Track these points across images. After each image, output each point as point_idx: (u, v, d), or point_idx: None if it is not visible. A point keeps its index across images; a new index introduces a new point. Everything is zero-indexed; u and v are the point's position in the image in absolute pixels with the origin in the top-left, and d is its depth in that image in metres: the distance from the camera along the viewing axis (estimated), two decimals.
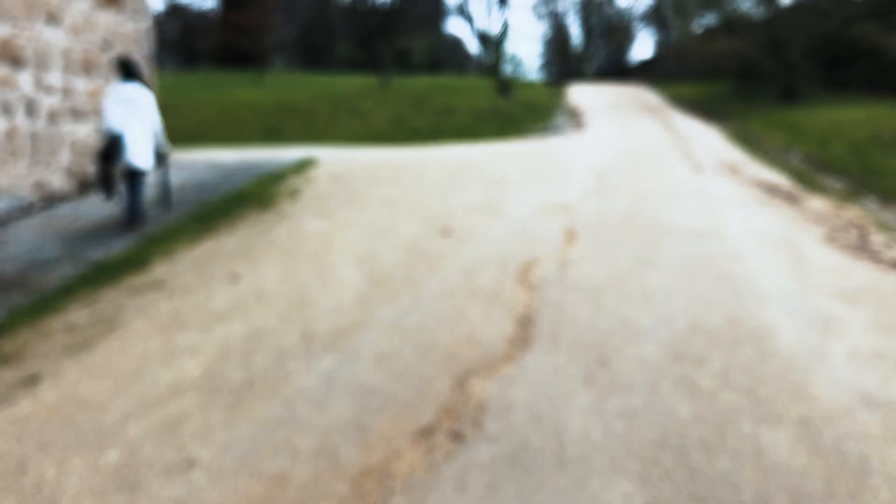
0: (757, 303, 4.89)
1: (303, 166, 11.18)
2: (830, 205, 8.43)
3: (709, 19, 23.72)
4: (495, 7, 56.26)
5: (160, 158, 7.89)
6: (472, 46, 64.15)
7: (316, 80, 26.55)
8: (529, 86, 30.87)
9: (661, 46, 47.02)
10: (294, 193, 9.08)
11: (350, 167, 11.11)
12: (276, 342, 4.33)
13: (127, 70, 7.64)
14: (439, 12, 59.78)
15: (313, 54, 52.12)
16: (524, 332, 4.40)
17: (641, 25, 61.64)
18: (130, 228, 7.41)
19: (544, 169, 10.67)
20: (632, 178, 9.88)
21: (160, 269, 6.02)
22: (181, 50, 49.02)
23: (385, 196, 8.74)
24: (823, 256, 6.16)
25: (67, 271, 6.12)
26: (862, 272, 5.71)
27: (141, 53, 10.96)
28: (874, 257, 6.20)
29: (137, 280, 5.75)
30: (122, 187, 7.56)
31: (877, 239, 6.84)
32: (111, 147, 7.29)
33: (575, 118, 20.25)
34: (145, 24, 11.05)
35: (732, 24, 20.87)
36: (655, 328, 4.42)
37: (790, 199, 8.82)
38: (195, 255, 6.43)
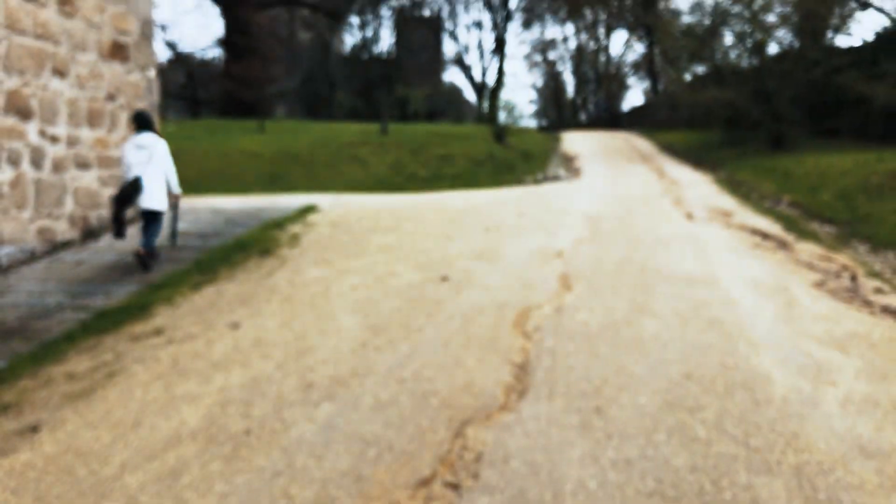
0: (750, 349, 4.96)
1: (303, 213, 11.31)
2: (821, 251, 8.55)
3: (698, 68, 24.23)
4: (491, 57, 57.60)
5: (172, 200, 8.61)
6: (470, 95, 65.29)
7: (316, 128, 26.91)
8: (525, 132, 31.31)
9: (653, 94, 47.88)
10: (294, 240, 9.18)
11: (349, 214, 11.24)
12: (275, 391, 4.36)
13: (142, 121, 8.36)
14: (438, 62, 60.98)
15: (314, 103, 52.97)
16: (521, 379, 4.44)
17: (632, 73, 62.98)
18: (145, 265, 7.93)
19: (540, 215, 10.81)
20: (625, 225, 10.01)
21: (161, 317, 6.07)
22: (185, 98, 49.80)
23: (384, 242, 8.84)
24: (815, 302, 6.24)
25: (69, 318, 6.16)
26: (853, 318, 5.79)
27: (147, 103, 11.18)
28: (865, 303, 6.29)
29: (138, 327, 5.79)
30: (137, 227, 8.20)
31: (867, 285, 6.94)
32: (128, 190, 7.96)
33: (569, 165, 20.54)
34: (150, 75, 11.28)
35: (721, 74, 21.34)
36: (650, 376, 4.47)
37: (781, 245, 8.94)
38: (196, 303, 6.49)
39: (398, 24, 57.75)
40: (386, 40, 61.87)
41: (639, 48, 58.43)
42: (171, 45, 48.31)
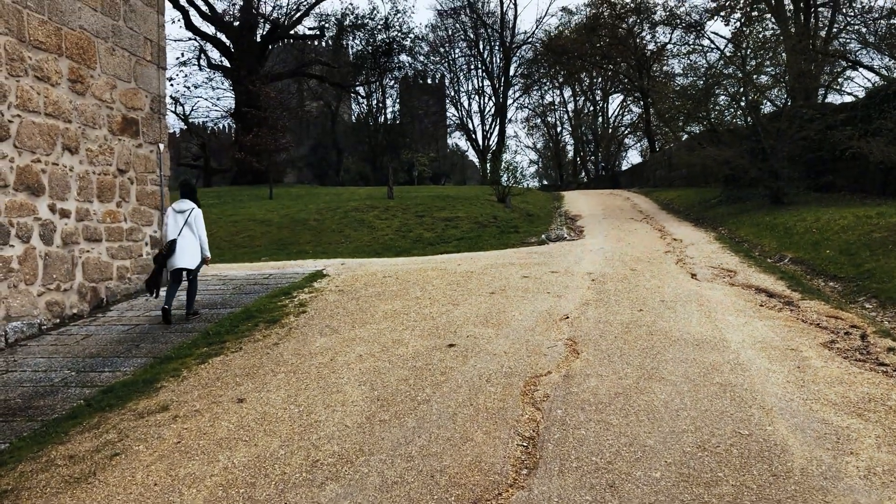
0: (764, 416, 4.88)
1: (310, 280, 11.34)
2: (827, 309, 8.51)
3: (694, 128, 24.62)
4: (492, 121, 58.71)
5: (202, 261, 9.50)
6: (474, 157, 66.26)
7: (325, 193, 27.26)
8: (528, 193, 31.63)
9: (650, 154, 48.54)
10: (301, 308, 9.18)
11: (356, 279, 11.27)
12: (280, 470, 4.29)
13: (184, 189, 9.54)
14: (442, 126, 62.14)
15: (324, 169, 53.84)
16: (531, 453, 4.37)
17: (630, 134, 63.98)
18: (186, 319, 9.04)
19: (545, 277, 10.82)
20: (631, 285, 10.00)
21: (167, 391, 6.02)
22: (199, 168, 50.68)
23: (390, 309, 8.83)
24: (826, 364, 6.17)
25: (74, 395, 6.11)
26: (868, 381, 5.72)
27: (157, 176, 11.35)
28: (878, 364, 6.22)
29: (143, 403, 5.74)
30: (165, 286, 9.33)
31: (879, 344, 6.88)
32: (164, 253, 9.04)
33: (572, 225, 20.66)
34: (161, 149, 11.50)
35: (717, 133, 21.66)
36: (663, 447, 4.39)
37: (787, 303, 8.91)
38: (202, 376, 6.45)
39: (403, 92, 59.22)
40: (392, 107, 63.35)
41: (635, 109, 59.66)
42: (184, 118, 49.34)
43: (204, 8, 34.06)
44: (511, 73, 56.29)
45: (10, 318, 7.84)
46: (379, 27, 28.68)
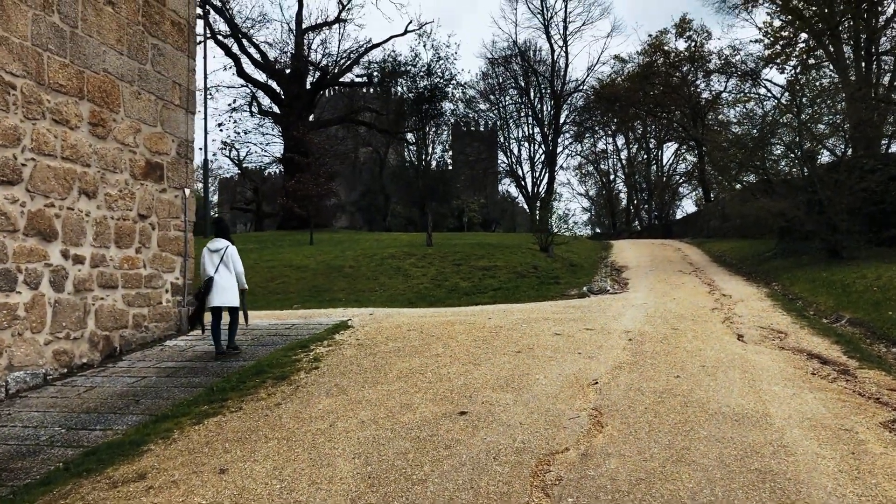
0: None
1: (332, 332, 10.97)
2: (890, 381, 7.65)
3: (748, 178, 23.71)
4: (542, 168, 58.39)
5: (242, 296, 9.75)
6: (524, 204, 65.86)
7: (366, 239, 27.16)
8: (576, 241, 30.97)
9: (704, 203, 47.35)
10: (315, 363, 8.76)
11: (380, 332, 10.84)
12: None
13: (217, 228, 9.95)
14: (493, 173, 62.08)
15: (373, 214, 54.24)
16: None
17: (684, 182, 62.73)
18: (224, 356, 9.38)
19: (578, 335, 10.19)
20: (670, 346, 9.29)
21: (150, 457, 5.62)
22: (251, 212, 51.70)
23: (407, 367, 8.33)
24: (887, 451, 5.40)
25: (55, 457, 5.77)
26: None
27: (181, 221, 11.22)
28: None
29: (121, 470, 5.35)
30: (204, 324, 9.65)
31: None
32: (202, 290, 9.33)
33: (617, 276, 19.91)
34: (186, 193, 11.39)
35: (771, 183, 20.75)
36: None
37: (842, 372, 8.08)
38: (192, 439, 6.04)
39: (454, 139, 59.66)
40: (441, 153, 63.80)
41: (690, 158, 58.56)
42: (238, 162, 50.46)
43: (256, 56, 34.93)
44: (561, 120, 56.04)
45: (12, 368, 7.62)
46: (421, 74, 28.84)
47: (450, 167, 63.72)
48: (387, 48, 34.56)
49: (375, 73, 33.34)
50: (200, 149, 30.65)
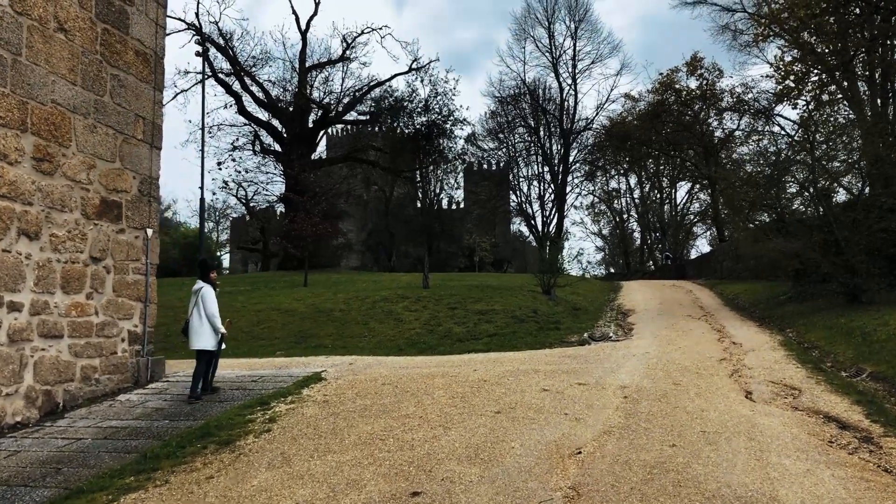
0: None
1: (301, 385, 10.09)
2: None
3: (761, 217, 22.74)
4: (552, 207, 57.60)
5: (220, 340, 9.66)
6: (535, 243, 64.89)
7: (364, 280, 26.37)
8: (581, 283, 29.99)
9: (718, 243, 46.28)
10: (268, 425, 7.86)
11: (352, 386, 9.94)
12: None
13: (200, 269, 9.92)
14: (505, 212, 61.30)
15: (381, 254, 53.56)
16: None
17: (698, 222, 61.67)
18: (198, 400, 9.17)
19: (569, 391, 9.22)
20: (669, 407, 8.31)
21: None
22: (258, 251, 51.20)
23: (367, 432, 7.40)
24: None
25: None
26: None
27: (141, 264, 10.48)
28: None
29: None
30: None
31: None
32: (183, 330, 9.48)
33: (622, 321, 18.90)
34: (149, 234, 10.66)
35: (785, 223, 19.79)
36: None
37: (865, 440, 7.06)
38: None
39: (465, 177, 59.23)
40: (450, 192, 63.36)
41: (703, 197, 57.60)
42: (245, 201, 50.10)
43: (259, 94, 34.65)
44: (571, 158, 55.42)
45: None
46: (419, 110, 28.35)
47: (461, 206, 63.23)
48: (386, 84, 33.85)
49: (373, 110, 32.80)
50: (200, 188, 30.06)
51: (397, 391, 9.41)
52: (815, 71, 23.86)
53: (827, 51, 24.51)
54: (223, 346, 9.88)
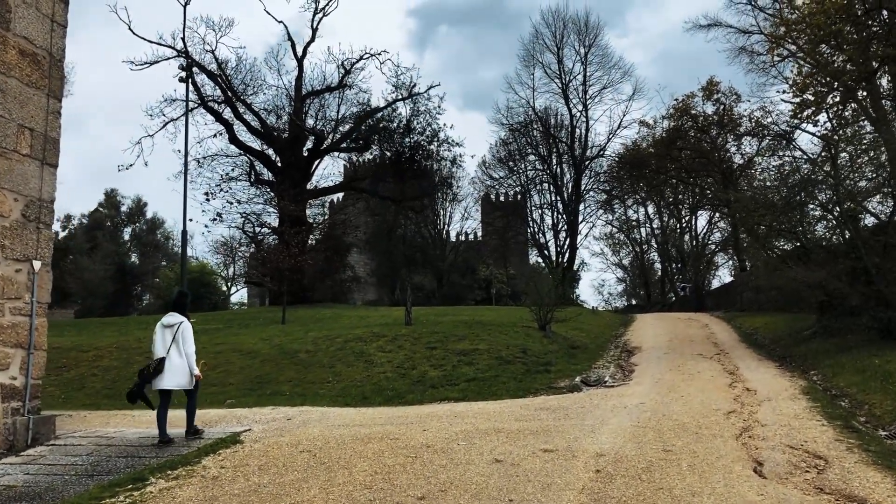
0: None
1: (208, 451, 8.27)
2: None
3: (782, 244, 20.63)
4: (565, 237, 55.58)
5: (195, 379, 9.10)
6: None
7: (349, 316, 24.55)
8: (589, 317, 27.97)
9: (739, 272, 43.93)
10: None
11: (265, 454, 8.08)
12: None
13: (175, 302, 9.34)
14: (521, 242, 59.35)
15: (391, 287, 51.74)
16: None
17: (720, 251, 59.20)
18: (169, 444, 8.63)
19: (527, 462, 7.28)
20: (650, 488, 6.33)
21: None
22: (265, 286, 49.71)
23: None
24: None
25: None
26: None
27: (23, 303, 8.76)
28: None
29: None
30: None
31: None
32: (153, 369, 8.73)
33: (624, 362, 16.84)
34: (37, 267, 8.95)
35: (807, 250, 17.71)
36: None
37: None
38: None
39: (482, 207, 57.73)
40: (462, 222, 61.94)
41: (723, 226, 55.28)
42: (251, 235, 48.76)
43: (254, 122, 33.31)
44: (583, 187, 53.51)
45: None
46: (400, 130, 26.54)
47: (477, 237, 61.61)
48: (363, 103, 32.25)
49: (364, 135, 31.14)
50: (183, 219, 28.70)
51: (312, 463, 7.52)
52: (835, 85, 21.87)
53: (847, 66, 22.56)
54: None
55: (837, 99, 23.38)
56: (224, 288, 57.23)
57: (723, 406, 10.49)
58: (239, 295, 67.72)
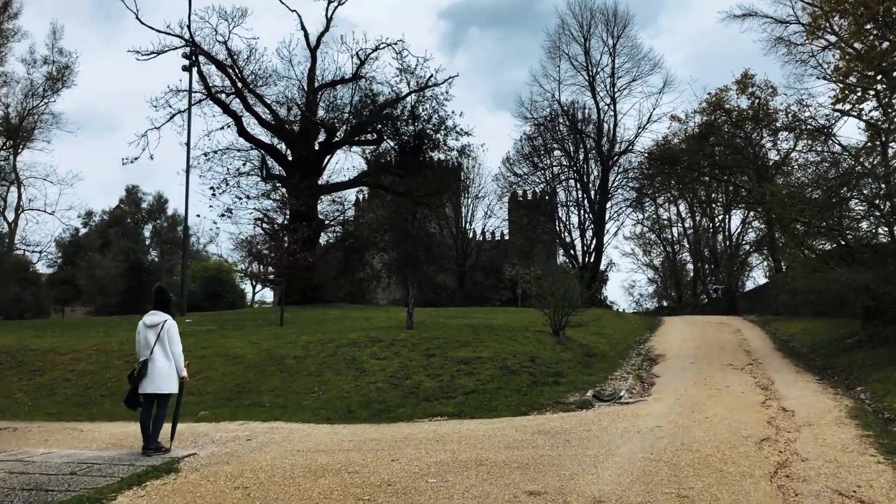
0: None
1: (128, 484, 6.94)
2: None
3: (822, 243, 18.80)
4: (591, 236, 53.69)
5: (180, 387, 8.49)
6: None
7: (354, 317, 23.21)
8: (612, 320, 26.35)
9: (773, 275, 41.76)
10: None
11: (193, 490, 6.74)
12: None
13: (157, 298, 8.64)
14: (545, 241, 57.61)
15: (420, 287, 50.47)
16: None
17: (754, 252, 56.82)
18: (147, 451, 8.07)
19: None
20: None
21: None
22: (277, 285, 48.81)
23: None
24: None
25: None
26: None
27: None
28: None
29: None
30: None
31: None
32: (138, 372, 8.18)
33: (645, 373, 15.22)
34: None
35: (851, 249, 15.91)
36: None
37: None
38: None
39: (509, 205, 56.23)
40: (484, 220, 60.55)
41: (757, 225, 52.91)
42: (270, 233, 47.78)
43: (266, 115, 32.14)
44: (611, 183, 51.56)
45: None
46: (405, 118, 24.93)
47: (504, 236, 60.13)
48: (363, 87, 30.74)
49: (367, 124, 29.68)
50: (185, 213, 27.61)
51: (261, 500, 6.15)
52: (882, 66, 19.90)
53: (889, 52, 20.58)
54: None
55: (885, 85, 21.45)
56: (242, 286, 56.25)
57: (754, 432, 8.88)
58: (262, 294, 67.00)
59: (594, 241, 52.75)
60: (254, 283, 50.22)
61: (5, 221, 47.19)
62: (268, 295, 66.77)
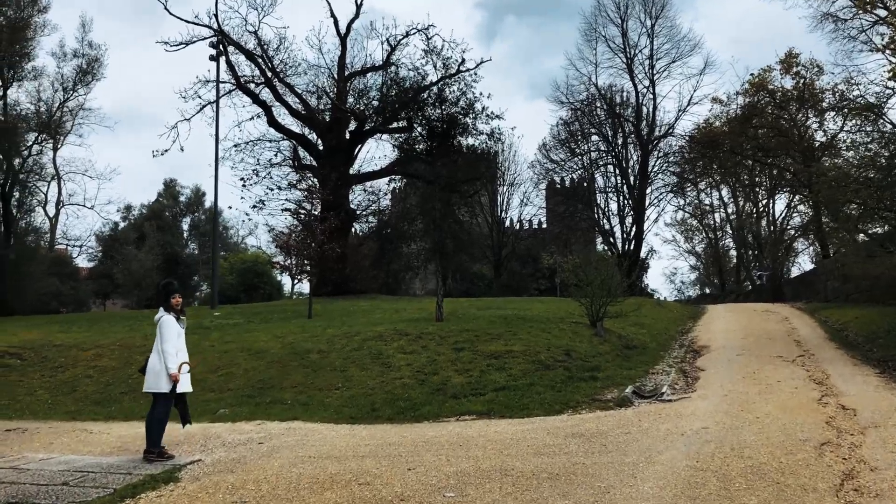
0: None
1: (121, 496, 6.39)
2: None
3: (875, 227, 17.57)
4: (631, 223, 52.37)
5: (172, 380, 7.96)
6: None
7: (385, 309, 22.70)
8: (652, 310, 25.34)
9: (822, 260, 40.04)
10: None
11: (196, 501, 6.17)
12: None
13: (163, 293, 8.37)
14: (584, 229, 56.48)
15: (451, 276, 49.91)
16: None
17: (799, 237, 54.82)
18: (148, 457, 7.77)
19: None
20: None
21: None
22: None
23: None
24: None
25: None
26: None
27: None
28: None
29: None
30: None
31: None
32: (140, 369, 8.30)
33: (689, 366, 14.32)
34: None
35: None
36: None
37: None
38: None
39: (548, 195, 55.23)
40: (521, 209, 59.64)
41: (803, 209, 50.98)
42: (306, 224, 47.60)
43: (297, 105, 31.68)
44: (650, 168, 50.07)
45: None
46: (432, 102, 24.15)
47: (542, 225, 59.10)
48: (392, 73, 29.96)
49: (393, 109, 28.92)
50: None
51: None
52: None
53: None
54: (189, 388, 8.29)
55: None
56: (279, 278, 56.27)
57: (812, 434, 8.00)
58: (300, 286, 67.13)
59: (634, 229, 51.41)
60: (283, 275, 50.07)
61: (47, 216, 47.91)
62: (305, 287, 66.94)
